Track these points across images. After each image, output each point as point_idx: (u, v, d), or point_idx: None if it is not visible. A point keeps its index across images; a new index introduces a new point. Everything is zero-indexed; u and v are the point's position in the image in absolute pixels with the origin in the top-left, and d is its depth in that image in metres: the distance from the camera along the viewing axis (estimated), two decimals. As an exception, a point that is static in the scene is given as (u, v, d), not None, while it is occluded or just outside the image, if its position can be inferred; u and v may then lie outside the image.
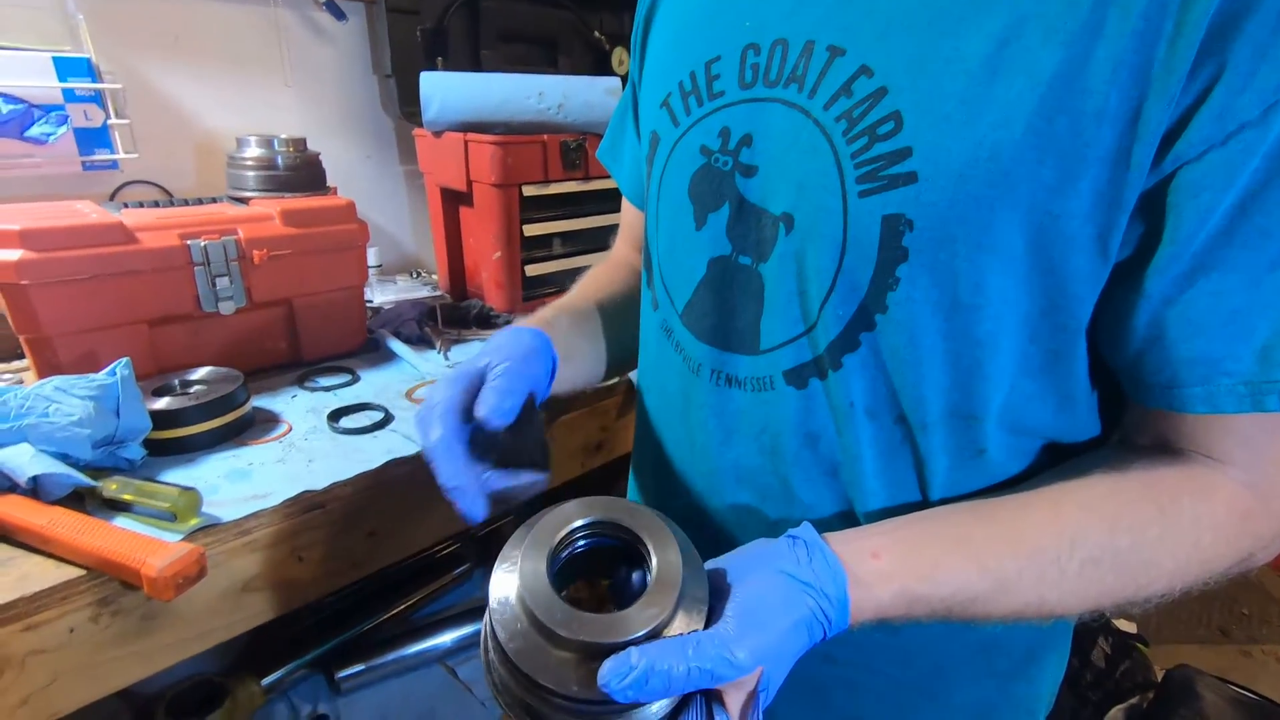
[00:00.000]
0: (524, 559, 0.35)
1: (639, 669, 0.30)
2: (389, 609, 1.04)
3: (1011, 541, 0.37)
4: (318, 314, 0.88)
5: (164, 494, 0.56)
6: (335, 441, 0.70)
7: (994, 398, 0.39)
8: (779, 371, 0.44)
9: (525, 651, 0.33)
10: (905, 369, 0.39)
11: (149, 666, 0.56)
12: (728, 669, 0.31)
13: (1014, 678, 0.49)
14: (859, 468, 0.42)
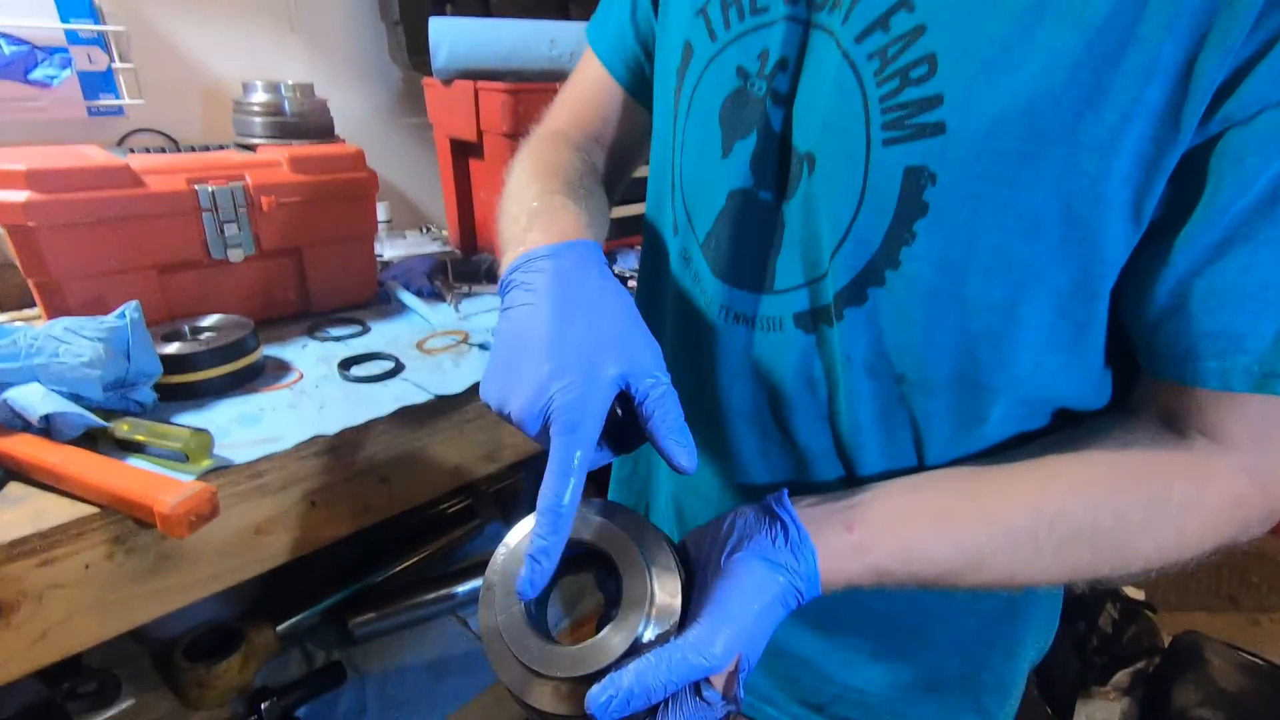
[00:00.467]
0: (499, 591, 0.37)
1: (620, 695, 0.32)
2: (402, 561, 1.05)
3: (991, 519, 0.37)
4: (328, 264, 0.87)
5: (176, 435, 0.55)
6: (346, 389, 0.70)
7: (1009, 369, 0.37)
8: (790, 314, 0.42)
9: (516, 681, 0.35)
10: (912, 330, 0.38)
11: (164, 605, 0.56)
12: (705, 670, 0.33)
13: (998, 619, 0.49)
14: (856, 422, 0.41)
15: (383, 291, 0.96)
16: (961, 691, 0.50)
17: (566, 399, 0.34)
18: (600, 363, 0.35)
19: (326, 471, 0.63)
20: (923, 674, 0.49)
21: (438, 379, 0.72)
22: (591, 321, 0.36)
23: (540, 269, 0.38)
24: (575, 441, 0.34)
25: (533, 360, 0.35)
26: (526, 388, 0.35)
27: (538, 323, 0.36)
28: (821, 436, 0.44)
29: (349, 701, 0.84)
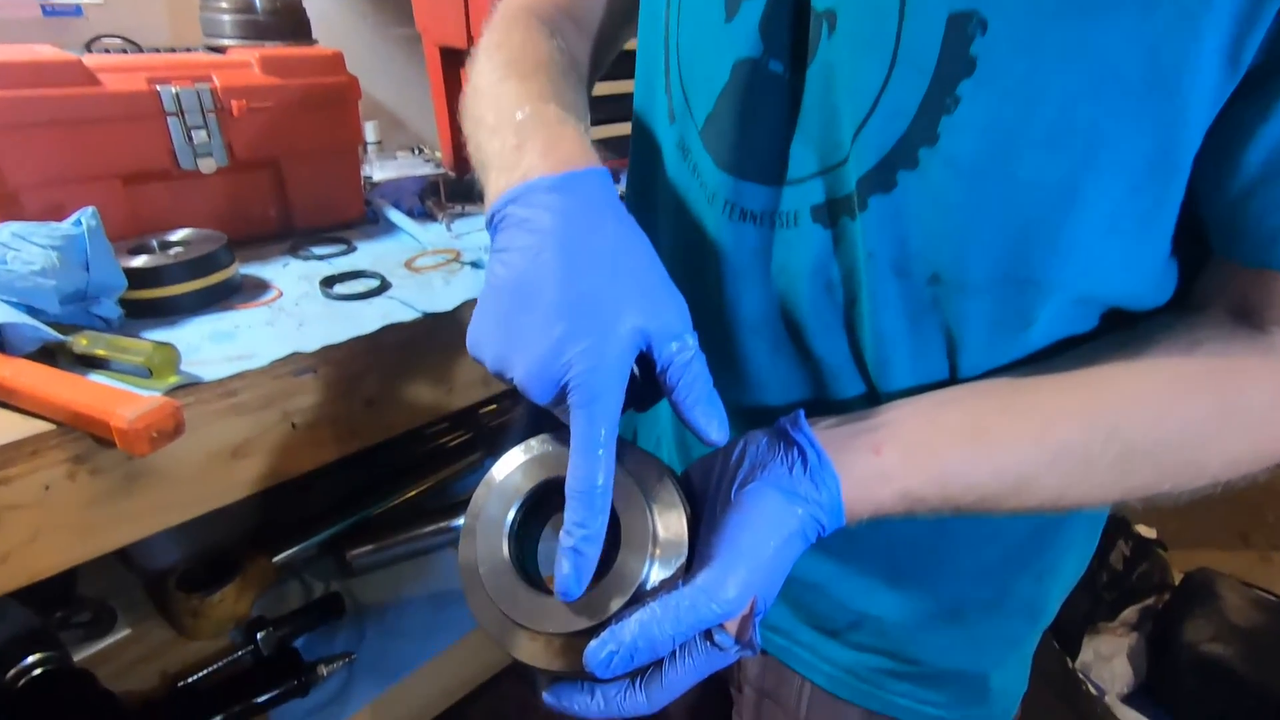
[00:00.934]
0: (481, 537, 0.33)
1: (622, 650, 0.29)
2: (401, 494, 1.02)
3: (1037, 435, 0.32)
4: (309, 178, 0.81)
5: (138, 349, 0.51)
6: (328, 307, 0.65)
7: (1063, 262, 0.32)
8: (807, 206, 0.37)
9: (502, 634, 0.32)
10: (949, 220, 0.32)
11: (139, 529, 0.53)
12: (718, 617, 0.29)
13: (1028, 542, 0.44)
14: (880, 330, 0.36)
15: (370, 211, 0.90)
16: (985, 618, 0.46)
17: (587, 366, 0.30)
18: (621, 324, 0.30)
19: (307, 393, 0.58)
20: (944, 601, 0.45)
21: (427, 297, 0.67)
22: (609, 274, 0.31)
23: (545, 205, 0.32)
24: (600, 414, 0.30)
25: (541, 317, 0.30)
26: (534, 350, 0.30)
27: (545, 273, 0.31)
28: (841, 347, 0.39)
29: (348, 632, 0.83)
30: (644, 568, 0.31)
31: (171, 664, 0.77)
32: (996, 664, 0.47)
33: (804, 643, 0.50)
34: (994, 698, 0.48)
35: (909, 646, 0.46)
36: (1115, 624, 1.60)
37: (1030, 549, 0.44)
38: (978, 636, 0.46)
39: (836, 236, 0.36)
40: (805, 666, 0.51)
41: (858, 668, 0.49)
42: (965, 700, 0.48)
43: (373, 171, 1.09)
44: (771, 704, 0.53)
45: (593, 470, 0.30)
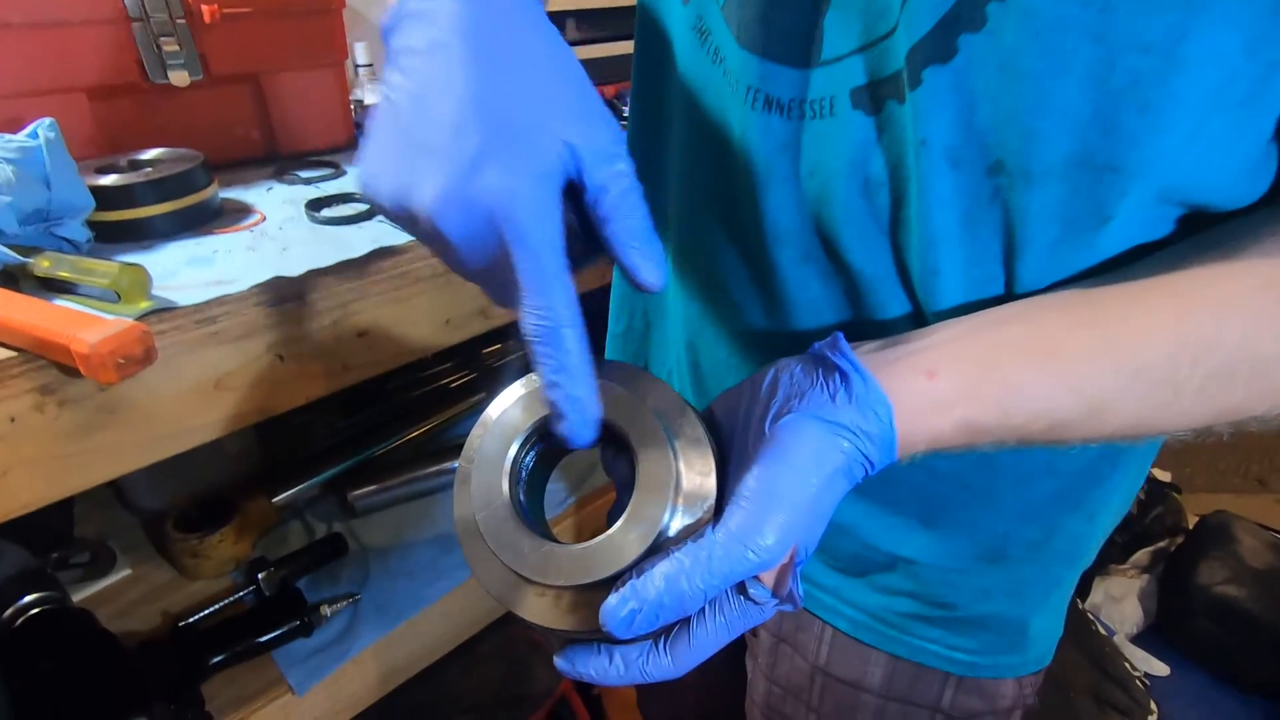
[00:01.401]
0: (478, 481, 0.29)
1: (646, 607, 0.25)
2: (403, 435, 0.99)
3: (1116, 352, 0.27)
4: (293, 96, 0.75)
5: (104, 270, 0.47)
6: (314, 231, 0.61)
7: (1155, 141, 0.27)
8: (845, 90, 0.31)
9: (504, 591, 0.29)
10: (1021, 91, 0.27)
11: (119, 465, 0.50)
12: (754, 568, 0.26)
13: (1082, 479, 0.40)
14: (929, 234, 0.31)
15: (361, 135, 0.84)
16: (1028, 560, 0.42)
17: (514, 186, 0.24)
18: (548, 137, 0.25)
19: (294, 322, 0.54)
20: (985, 542, 0.42)
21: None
22: (530, 77, 0.26)
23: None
24: (544, 242, 0.24)
25: (450, 129, 0.24)
26: (445, 168, 0.24)
27: (453, 74, 0.25)
28: (883, 258, 0.34)
29: (351, 573, 0.81)
30: (666, 511, 0.27)
31: (173, 604, 0.76)
32: (1037, 608, 0.44)
33: (827, 587, 0.47)
34: (1031, 643, 0.45)
35: (943, 590, 0.43)
36: (1127, 566, 1.59)
37: (1085, 485, 0.40)
38: (1020, 579, 0.43)
39: (880, 125, 0.31)
40: (826, 611, 0.48)
41: (884, 612, 0.46)
42: (1001, 646, 0.45)
43: (364, 95, 1.03)
44: (789, 648, 0.51)
45: (553, 299, 0.25)
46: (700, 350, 0.47)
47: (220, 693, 0.68)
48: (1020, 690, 0.47)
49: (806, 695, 0.50)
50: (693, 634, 0.28)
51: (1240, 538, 1.46)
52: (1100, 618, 1.48)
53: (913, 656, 0.45)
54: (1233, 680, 1.35)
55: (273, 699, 0.68)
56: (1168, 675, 1.38)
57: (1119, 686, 1.32)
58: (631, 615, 0.25)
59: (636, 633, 0.25)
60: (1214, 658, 1.37)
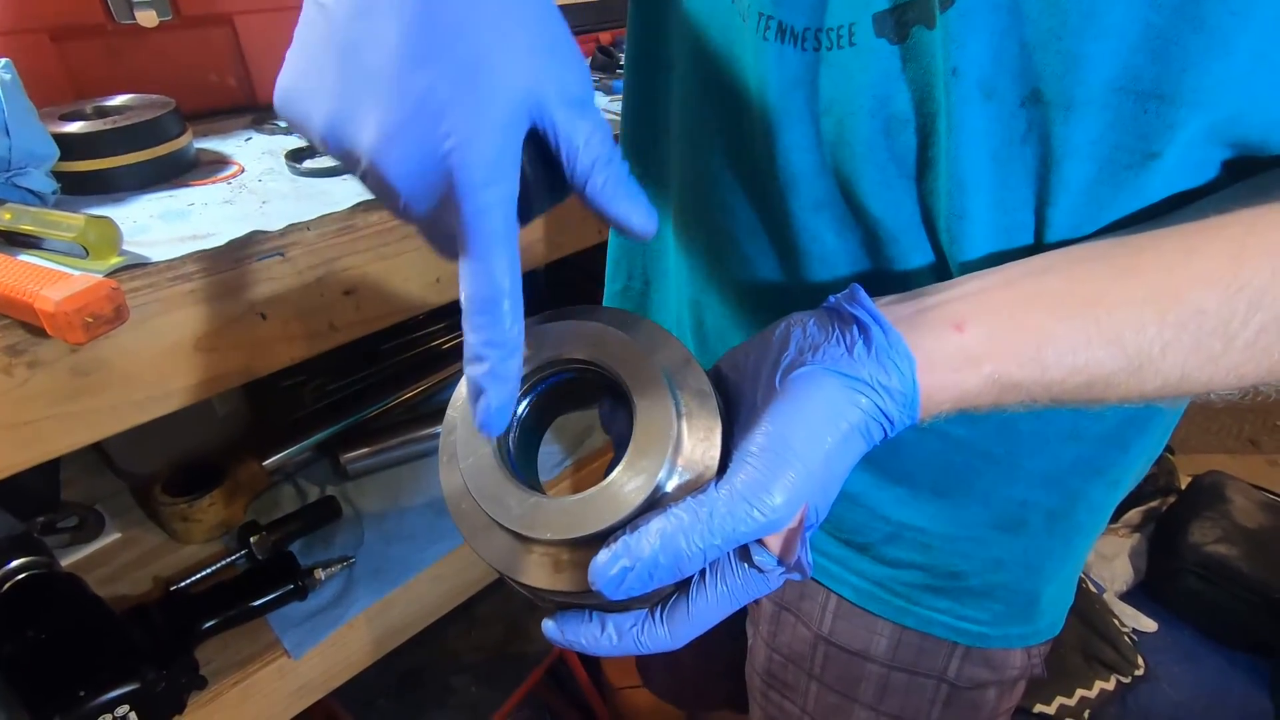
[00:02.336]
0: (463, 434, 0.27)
1: (639, 566, 0.23)
2: (395, 397, 0.98)
3: (1161, 302, 0.25)
4: (271, 41, 0.71)
5: (69, 223, 0.44)
6: (295, 183, 0.57)
7: (1213, 65, 0.24)
8: (868, 16, 0.29)
9: (496, 551, 0.26)
10: (1066, 6, 0.24)
11: (95, 429, 0.48)
12: (760, 529, 0.24)
13: (1108, 443, 0.38)
14: (958, 175, 0.29)
15: (344, 82, 0.80)
16: (1047, 531, 0.41)
17: (472, 131, 0.21)
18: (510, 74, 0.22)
19: (276, 279, 0.52)
20: (1002, 511, 0.40)
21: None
22: (486, 7, 0.22)
23: None
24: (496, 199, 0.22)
25: (394, 51, 0.21)
26: (388, 102, 0.21)
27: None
28: (906, 203, 0.32)
29: (345, 537, 0.80)
30: (665, 464, 0.25)
31: (164, 569, 0.75)
32: (1051, 578, 0.43)
33: (833, 555, 0.46)
34: (1042, 613, 0.44)
35: (955, 560, 0.42)
36: (1118, 525, 1.61)
37: (1110, 451, 0.38)
38: (1037, 549, 0.41)
39: (906, 54, 0.28)
40: (832, 579, 0.47)
41: (891, 582, 0.44)
42: (1011, 617, 0.44)
43: (347, 42, 0.98)
44: (791, 616, 0.50)
45: (494, 264, 0.22)
46: (705, 308, 0.45)
47: (216, 656, 0.68)
48: (1028, 660, 0.46)
49: (808, 664, 0.50)
50: (691, 603, 0.26)
51: (1232, 498, 1.47)
52: (1090, 575, 1.50)
53: (920, 627, 0.45)
54: (1219, 636, 1.37)
55: (269, 662, 0.68)
56: (1155, 631, 1.40)
57: (1107, 643, 1.34)
58: (623, 574, 0.23)
59: (628, 593, 0.24)
60: (1201, 615, 1.39)
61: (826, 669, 0.49)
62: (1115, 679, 1.31)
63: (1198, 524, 1.44)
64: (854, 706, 0.49)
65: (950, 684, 0.46)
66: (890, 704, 0.48)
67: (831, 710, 0.50)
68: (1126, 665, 1.32)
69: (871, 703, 0.48)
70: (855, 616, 0.46)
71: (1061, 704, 1.28)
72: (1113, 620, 1.39)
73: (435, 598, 0.82)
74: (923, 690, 0.47)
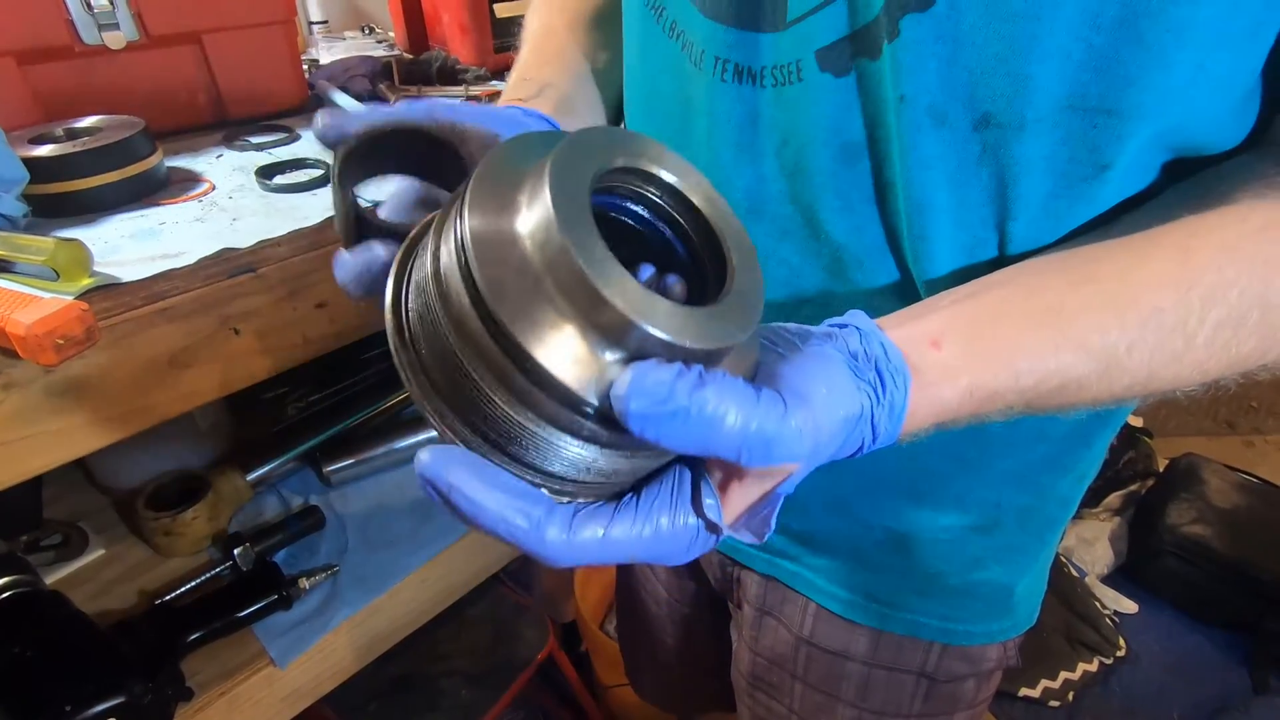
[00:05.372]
0: (554, 171, 0.20)
1: (693, 403, 0.19)
2: (377, 405, 0.98)
3: (1119, 306, 0.26)
4: (239, 58, 0.72)
5: (39, 247, 0.45)
6: (265, 200, 0.58)
7: (1155, 79, 0.25)
8: (810, 52, 0.30)
9: (513, 293, 0.19)
10: (1009, 34, 0.26)
11: (73, 448, 0.48)
12: (783, 445, 0.21)
13: (1073, 442, 0.40)
14: (916, 198, 0.30)
15: (314, 96, 0.81)
16: (1019, 527, 0.42)
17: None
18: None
19: (247, 295, 0.52)
20: (977, 512, 0.41)
21: (376, 186, 0.60)
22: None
23: None
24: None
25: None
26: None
27: None
28: (868, 227, 0.33)
29: (330, 544, 0.81)
30: (744, 335, 0.21)
31: (149, 583, 0.75)
32: (1025, 571, 0.45)
33: (815, 566, 0.47)
34: (1017, 606, 0.46)
35: (936, 562, 0.43)
36: (1099, 509, 1.63)
37: (1075, 448, 0.40)
38: (1011, 546, 0.43)
39: (851, 85, 0.30)
40: (816, 591, 0.48)
41: (873, 588, 0.46)
42: (990, 613, 0.45)
43: (319, 54, 0.99)
44: (773, 620, 0.51)
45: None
46: None
47: (202, 668, 0.68)
48: (1004, 652, 0.48)
49: (791, 665, 0.51)
50: (611, 523, 0.22)
51: (1208, 479, 1.49)
52: (1072, 560, 1.52)
53: (903, 630, 0.46)
54: (1197, 615, 1.40)
55: (255, 671, 0.68)
56: (1136, 612, 1.43)
57: (1089, 625, 1.37)
58: (667, 394, 0.19)
59: (652, 415, 0.19)
60: (1180, 595, 1.42)
61: (809, 669, 0.51)
62: (1098, 660, 1.33)
63: (1175, 506, 1.46)
64: (837, 704, 0.50)
65: (929, 678, 0.48)
66: (873, 700, 0.49)
67: (816, 708, 0.51)
68: (1108, 646, 1.35)
69: (854, 700, 0.50)
70: (835, 622, 0.48)
71: (1046, 686, 1.30)
72: (1094, 603, 1.42)
73: (422, 602, 0.83)
74: (903, 685, 0.48)
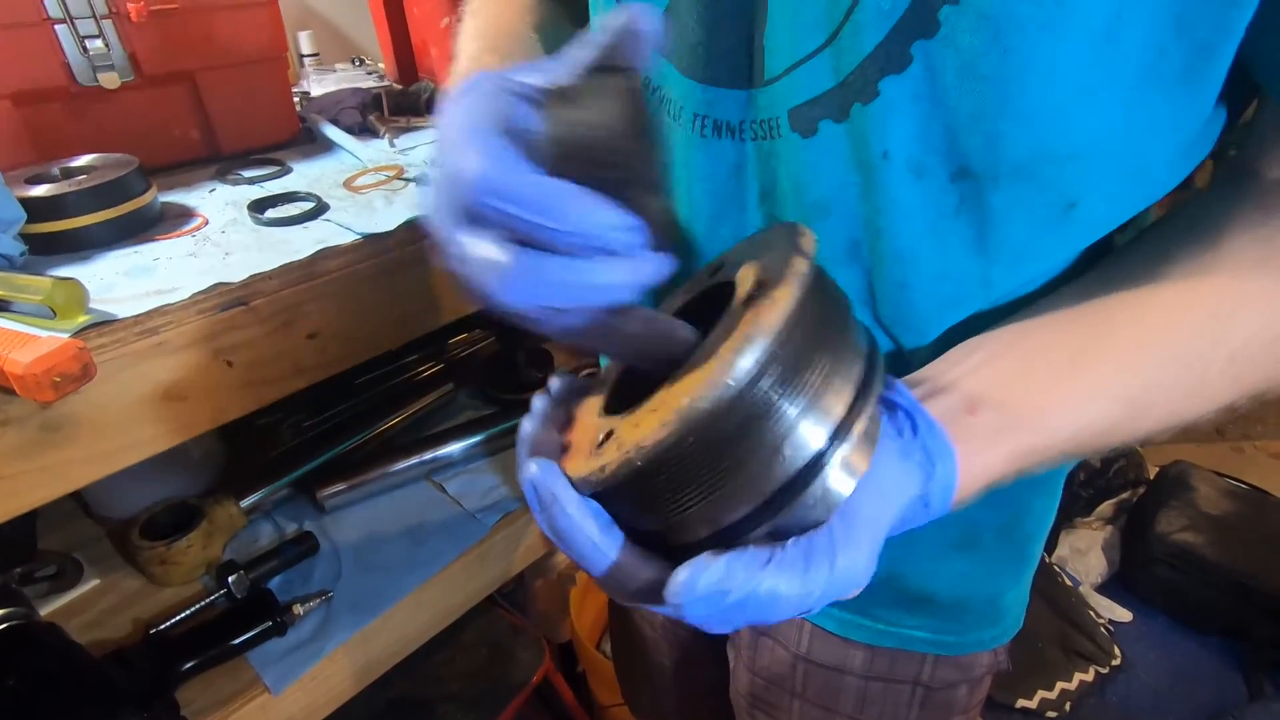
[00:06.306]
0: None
1: (748, 597, 0.23)
2: (372, 430, 0.99)
3: (1139, 348, 0.28)
4: (231, 94, 0.74)
5: (36, 286, 0.46)
6: (258, 233, 0.60)
7: (1104, 122, 0.27)
8: (784, 111, 0.31)
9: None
10: (981, 93, 0.27)
11: (68, 481, 0.49)
12: (838, 587, 0.23)
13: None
14: (898, 249, 0.31)
15: (306, 129, 0.83)
16: (999, 544, 0.44)
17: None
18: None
19: (240, 327, 0.54)
20: (955, 531, 0.43)
21: (366, 218, 0.61)
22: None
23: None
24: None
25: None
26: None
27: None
28: (849, 279, 0.34)
29: (324, 571, 0.81)
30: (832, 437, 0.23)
31: (144, 612, 0.76)
32: (1011, 584, 0.46)
33: None
34: (1004, 614, 0.47)
35: (924, 581, 0.44)
36: (1091, 518, 1.64)
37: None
38: (993, 560, 0.44)
39: (834, 142, 0.31)
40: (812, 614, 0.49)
41: (869, 607, 0.47)
42: (979, 623, 0.46)
43: (310, 86, 1.01)
44: (770, 640, 0.52)
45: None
46: None
47: (197, 697, 0.68)
48: (995, 658, 0.49)
49: (789, 683, 0.52)
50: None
51: (1197, 486, 1.51)
52: (1066, 569, 1.53)
53: (900, 645, 0.47)
54: (1191, 622, 1.40)
55: (250, 699, 0.69)
56: (1130, 621, 1.43)
57: (1084, 634, 1.37)
58: (701, 594, 0.23)
59: (687, 606, 0.23)
60: (1173, 602, 1.43)
61: (807, 685, 0.51)
62: (1094, 670, 1.34)
63: (1165, 514, 1.47)
64: (836, 718, 0.51)
65: (925, 687, 0.48)
66: (870, 711, 0.50)
67: None
68: (1104, 656, 1.35)
69: (852, 712, 0.50)
70: (831, 640, 0.48)
71: (1043, 698, 1.30)
72: (1089, 612, 1.43)
73: (416, 626, 0.83)
74: (899, 696, 0.49)
